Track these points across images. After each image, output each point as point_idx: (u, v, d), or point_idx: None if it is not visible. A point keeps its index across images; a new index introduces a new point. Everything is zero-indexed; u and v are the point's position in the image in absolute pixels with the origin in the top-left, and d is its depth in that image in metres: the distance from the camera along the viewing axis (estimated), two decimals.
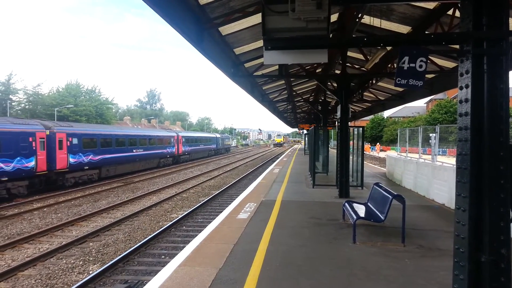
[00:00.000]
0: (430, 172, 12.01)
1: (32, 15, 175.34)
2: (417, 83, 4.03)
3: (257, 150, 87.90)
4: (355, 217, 7.14)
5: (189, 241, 8.07)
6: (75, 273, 8.71)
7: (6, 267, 9.14)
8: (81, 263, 9.35)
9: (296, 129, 67.05)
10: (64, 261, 9.46)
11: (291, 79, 18.03)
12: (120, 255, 9.51)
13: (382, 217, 6.96)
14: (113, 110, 75.15)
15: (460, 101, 3.73)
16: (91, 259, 9.67)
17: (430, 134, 13.55)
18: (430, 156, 13.23)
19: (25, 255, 10.11)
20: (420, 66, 3.99)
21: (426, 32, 9.49)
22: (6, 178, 17.67)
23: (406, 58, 3.96)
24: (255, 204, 10.87)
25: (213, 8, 8.53)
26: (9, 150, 17.86)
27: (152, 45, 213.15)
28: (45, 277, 8.41)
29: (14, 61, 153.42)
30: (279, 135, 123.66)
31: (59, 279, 8.34)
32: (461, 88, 3.73)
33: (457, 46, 3.92)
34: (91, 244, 11.00)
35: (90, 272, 8.70)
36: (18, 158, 18.36)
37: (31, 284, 8.06)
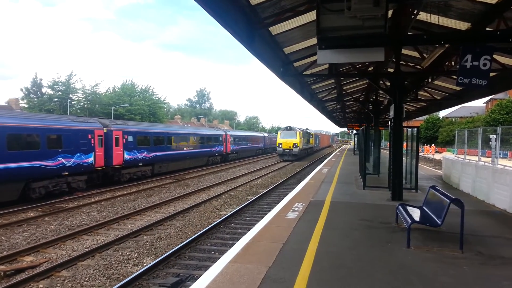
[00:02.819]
0: (490, 176, 11.33)
1: (88, 17, 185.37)
2: (480, 82, 3.83)
3: None
4: (409, 220, 6.89)
5: (237, 238, 8.19)
6: (130, 265, 9.12)
7: (67, 256, 9.77)
8: (135, 255, 9.78)
9: (345, 129, 65.60)
10: (120, 253, 9.94)
11: (341, 78, 17.72)
12: (172, 249, 9.85)
13: (439, 222, 6.66)
14: (165, 109, 77.75)
15: None
16: (145, 251, 10.08)
17: (490, 136, 12.77)
18: (490, 159, 12.49)
19: (84, 246, 10.73)
20: (484, 65, 3.78)
21: (489, 29, 8.98)
22: (67, 173, 18.87)
23: (469, 56, 3.77)
24: (303, 204, 10.80)
25: (264, 8, 8.59)
26: (70, 146, 19.04)
27: (202, 45, 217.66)
28: (103, 267, 8.88)
29: (73, 61, 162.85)
30: (291, 128, 45.70)
31: (115, 270, 8.77)
32: None
33: None
34: (145, 237, 11.48)
35: (144, 264, 9.09)
36: (78, 154, 19.52)
37: (89, 273, 8.52)
